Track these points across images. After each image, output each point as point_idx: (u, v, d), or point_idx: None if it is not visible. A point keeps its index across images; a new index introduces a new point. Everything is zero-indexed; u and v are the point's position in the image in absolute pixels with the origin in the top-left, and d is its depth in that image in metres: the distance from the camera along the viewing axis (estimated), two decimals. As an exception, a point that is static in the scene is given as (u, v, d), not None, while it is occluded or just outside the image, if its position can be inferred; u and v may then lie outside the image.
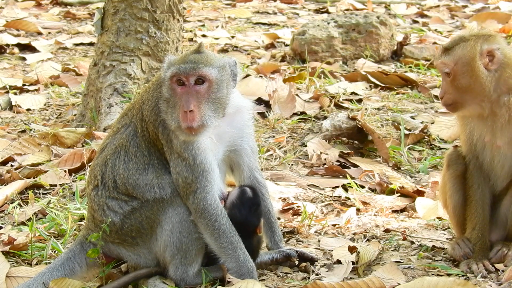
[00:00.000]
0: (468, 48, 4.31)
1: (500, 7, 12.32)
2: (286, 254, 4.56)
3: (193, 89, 4.16)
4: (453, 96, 4.37)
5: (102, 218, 4.32)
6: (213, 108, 4.19)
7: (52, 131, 6.55)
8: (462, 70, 4.32)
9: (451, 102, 4.39)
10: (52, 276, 4.30)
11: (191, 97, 4.13)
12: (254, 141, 4.56)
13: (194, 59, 4.20)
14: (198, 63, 4.17)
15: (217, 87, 4.21)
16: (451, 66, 4.33)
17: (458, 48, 4.34)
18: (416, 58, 9.04)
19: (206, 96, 4.18)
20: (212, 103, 4.19)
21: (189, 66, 4.16)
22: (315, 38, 8.92)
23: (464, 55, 4.31)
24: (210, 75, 4.17)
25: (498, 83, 4.33)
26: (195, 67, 4.16)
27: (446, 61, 4.35)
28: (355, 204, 5.45)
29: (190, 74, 4.15)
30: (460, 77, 4.33)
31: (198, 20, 11.66)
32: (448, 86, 4.38)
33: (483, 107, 4.35)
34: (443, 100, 4.42)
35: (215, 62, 4.23)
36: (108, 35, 6.96)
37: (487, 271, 4.38)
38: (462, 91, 4.34)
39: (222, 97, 4.23)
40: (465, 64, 4.31)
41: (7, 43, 9.99)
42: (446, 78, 4.39)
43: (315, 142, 6.32)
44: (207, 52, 4.30)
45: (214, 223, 4.22)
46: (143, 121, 4.35)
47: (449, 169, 4.63)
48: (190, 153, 4.20)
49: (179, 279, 4.29)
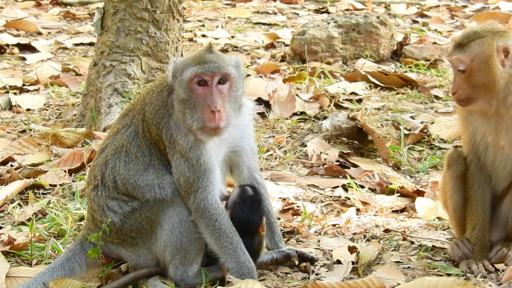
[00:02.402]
0: (485, 45, 4.26)
1: (500, 7, 12.32)
2: (286, 254, 4.56)
3: (216, 88, 4.15)
4: (467, 91, 4.32)
5: (102, 218, 4.32)
6: (233, 107, 4.22)
7: (52, 131, 6.55)
8: (479, 67, 4.27)
9: (465, 97, 4.35)
10: (52, 276, 4.30)
11: (217, 97, 4.13)
12: (254, 141, 4.57)
13: (213, 58, 4.18)
14: (220, 63, 4.16)
15: (236, 86, 4.23)
16: (467, 63, 4.28)
17: (475, 45, 4.28)
18: (416, 58, 9.04)
19: (228, 95, 4.19)
20: (232, 102, 4.22)
21: (212, 65, 4.14)
22: (315, 38, 8.92)
23: (482, 52, 4.26)
24: (232, 74, 4.18)
25: (508, 81, 4.30)
26: (219, 66, 4.15)
27: (462, 58, 4.29)
28: (355, 204, 5.45)
29: (215, 73, 4.14)
30: (476, 73, 4.28)
31: (198, 20, 11.66)
32: (462, 82, 4.33)
33: (491, 104, 4.33)
34: (456, 95, 4.35)
35: (231, 61, 4.24)
36: (108, 35, 6.96)
37: (487, 271, 4.38)
38: (476, 87, 4.30)
39: (239, 96, 4.27)
40: (483, 61, 4.26)
41: (7, 43, 9.99)
42: (460, 74, 4.33)
43: (315, 142, 6.32)
44: (217, 51, 4.31)
45: (214, 223, 4.22)
46: (144, 122, 4.34)
47: (449, 169, 4.62)
48: (196, 153, 4.20)
49: (179, 279, 4.29)
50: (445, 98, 7.67)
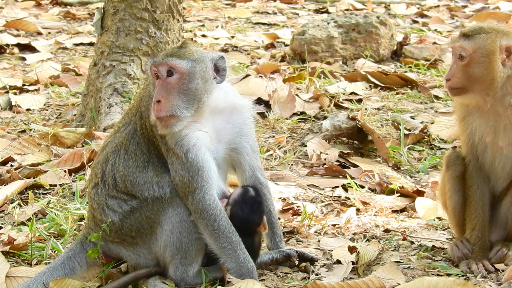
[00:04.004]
0: (489, 41, 4.33)
1: (500, 7, 12.31)
2: (286, 254, 4.56)
3: (165, 81, 4.22)
4: (462, 81, 4.36)
5: (101, 217, 4.33)
6: (185, 99, 4.21)
7: (52, 131, 6.55)
8: (479, 59, 4.33)
9: (458, 86, 4.38)
10: (52, 275, 4.31)
11: (162, 89, 4.20)
12: (255, 140, 4.56)
13: (169, 52, 4.29)
14: (169, 56, 4.25)
15: (188, 79, 4.23)
16: (469, 52, 4.34)
17: (479, 38, 4.34)
18: (416, 58, 9.04)
19: (177, 87, 4.21)
20: (184, 94, 4.21)
21: (159, 58, 4.26)
22: (315, 38, 8.92)
23: (485, 46, 4.33)
24: (178, 66, 4.21)
25: (507, 81, 4.34)
26: (163, 58, 4.24)
27: (465, 46, 4.35)
28: (355, 204, 5.45)
29: (159, 65, 4.22)
30: (475, 65, 4.34)
31: (198, 20, 11.66)
32: (458, 70, 4.38)
33: (486, 101, 4.37)
34: (450, 82, 4.39)
35: (189, 55, 4.27)
36: (108, 35, 6.96)
37: (487, 271, 4.38)
38: (471, 78, 4.34)
39: (195, 88, 4.24)
40: (484, 55, 4.32)
41: (7, 43, 9.99)
42: (458, 62, 4.39)
43: (315, 142, 6.32)
44: (189, 47, 4.35)
45: (213, 223, 4.22)
46: (141, 119, 4.37)
47: (448, 170, 4.62)
48: (181, 148, 4.22)
49: (179, 279, 4.29)
50: (445, 98, 7.67)
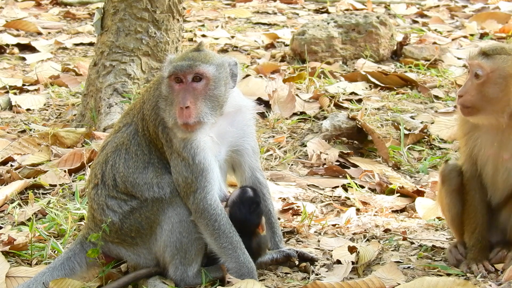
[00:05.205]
0: (509, 63, 4.23)
1: (500, 7, 12.30)
2: (286, 254, 4.56)
3: (190, 86, 4.19)
4: (474, 99, 4.26)
5: (101, 218, 4.33)
6: (210, 105, 4.21)
7: (52, 131, 6.55)
8: (496, 80, 4.24)
9: (470, 105, 4.28)
10: (52, 276, 4.31)
11: (188, 94, 4.16)
12: (256, 141, 4.57)
13: (192, 56, 4.24)
14: (196, 61, 4.21)
15: (214, 85, 4.22)
16: (486, 71, 4.24)
17: (499, 58, 4.25)
18: (416, 58, 9.03)
19: (203, 93, 4.20)
20: (209, 101, 4.21)
21: (186, 63, 4.19)
22: (315, 38, 8.92)
23: (504, 68, 4.23)
24: (207, 73, 4.20)
25: None
26: (192, 64, 4.19)
27: (484, 65, 4.25)
28: (355, 204, 5.45)
29: (187, 71, 4.18)
30: (491, 85, 4.25)
31: (198, 20, 11.66)
32: (472, 87, 4.28)
33: (500, 122, 4.28)
34: (462, 99, 4.29)
35: (213, 60, 4.25)
36: (108, 35, 6.96)
37: (487, 271, 4.38)
38: (485, 98, 4.25)
39: (219, 95, 4.25)
40: (502, 77, 4.23)
41: (7, 43, 9.99)
42: (473, 79, 4.28)
43: (315, 142, 6.32)
44: (206, 50, 4.33)
45: (214, 223, 4.22)
46: (144, 121, 4.36)
47: (444, 185, 4.60)
48: (189, 152, 4.21)
49: (179, 279, 4.29)
50: (445, 98, 7.67)
